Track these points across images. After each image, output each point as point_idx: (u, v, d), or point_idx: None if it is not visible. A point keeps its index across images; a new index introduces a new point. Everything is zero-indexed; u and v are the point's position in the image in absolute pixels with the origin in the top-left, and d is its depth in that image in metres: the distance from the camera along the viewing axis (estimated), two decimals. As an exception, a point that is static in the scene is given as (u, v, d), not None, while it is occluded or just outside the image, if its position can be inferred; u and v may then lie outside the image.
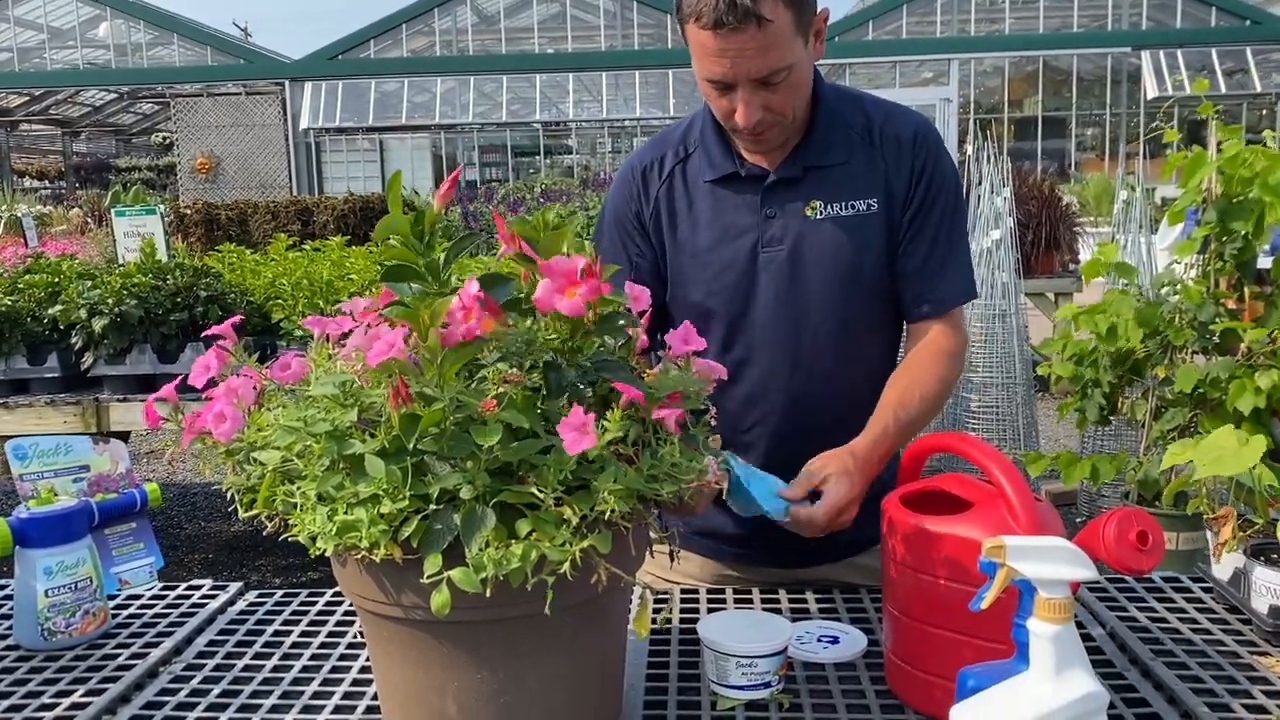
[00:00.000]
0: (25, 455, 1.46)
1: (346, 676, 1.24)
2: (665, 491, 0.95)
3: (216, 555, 4.57)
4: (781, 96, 1.37)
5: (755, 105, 1.36)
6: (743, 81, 1.34)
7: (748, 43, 1.29)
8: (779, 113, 1.39)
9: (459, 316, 0.90)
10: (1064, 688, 0.85)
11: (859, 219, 1.46)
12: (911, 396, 1.43)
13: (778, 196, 1.47)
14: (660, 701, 1.15)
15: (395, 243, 0.97)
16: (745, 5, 1.26)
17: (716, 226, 1.50)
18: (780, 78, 1.34)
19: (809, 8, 1.35)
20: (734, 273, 1.48)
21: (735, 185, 1.49)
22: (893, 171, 1.47)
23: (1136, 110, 16.87)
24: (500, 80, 17.28)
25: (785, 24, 1.30)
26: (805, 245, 1.47)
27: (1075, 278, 6.42)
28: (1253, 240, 2.67)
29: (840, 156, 1.47)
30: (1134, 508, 1.01)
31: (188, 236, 7.11)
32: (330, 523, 0.91)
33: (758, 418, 1.53)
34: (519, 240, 1.01)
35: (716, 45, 1.31)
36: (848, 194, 1.47)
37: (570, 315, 0.95)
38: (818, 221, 1.46)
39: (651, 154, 1.56)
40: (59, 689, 1.22)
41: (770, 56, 1.31)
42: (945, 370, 1.48)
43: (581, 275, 0.94)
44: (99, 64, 17.88)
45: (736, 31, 1.28)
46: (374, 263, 3.94)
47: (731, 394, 1.49)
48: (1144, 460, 2.96)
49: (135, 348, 3.62)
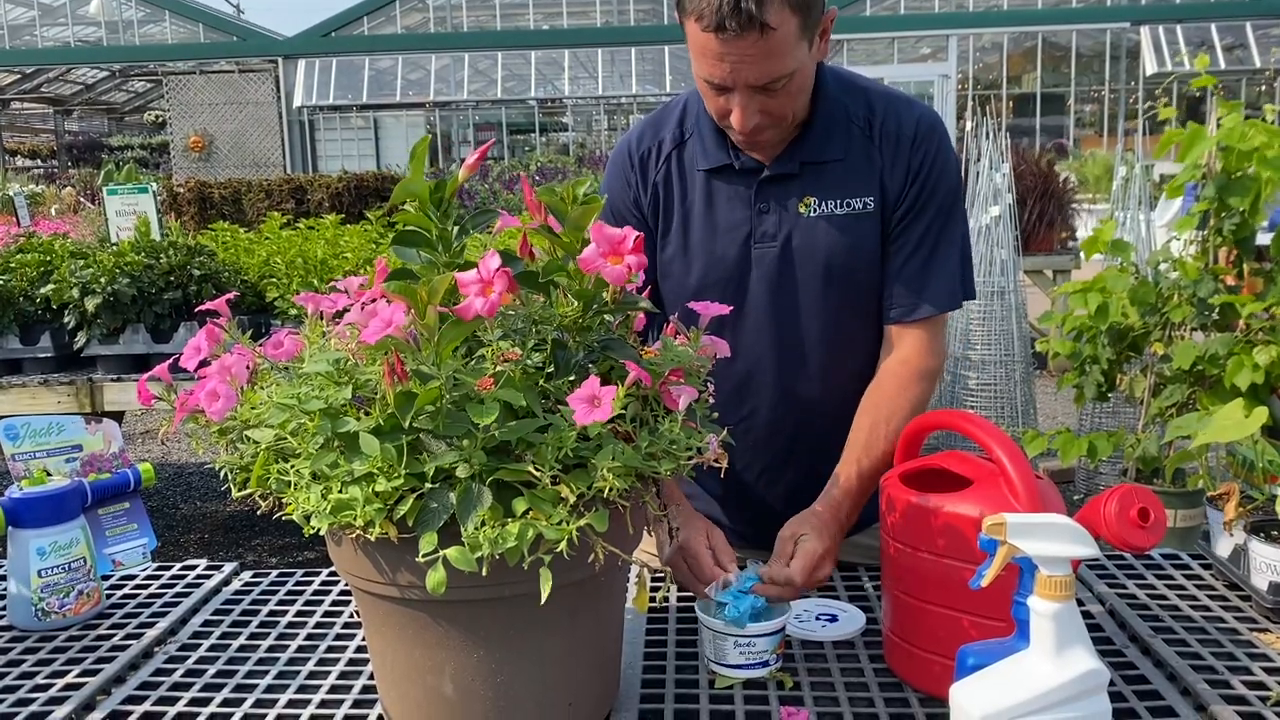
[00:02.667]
0: (17, 435, 1.45)
1: (342, 656, 1.24)
2: (664, 469, 0.94)
3: (211, 535, 4.57)
4: (780, 102, 1.33)
5: (752, 110, 1.32)
6: (741, 87, 1.29)
7: (749, 49, 1.24)
8: (777, 117, 1.35)
9: (476, 290, 0.88)
10: (1064, 665, 0.84)
11: (853, 218, 1.43)
12: (877, 436, 1.37)
13: (772, 192, 1.44)
14: (658, 680, 1.15)
15: (411, 208, 0.95)
16: (750, 10, 1.20)
17: (710, 219, 1.46)
18: (780, 84, 1.29)
19: (816, 10, 1.28)
20: (725, 266, 1.46)
21: (729, 177, 1.45)
22: (888, 169, 1.42)
23: (1136, 86, 16.79)
24: (495, 57, 17.16)
25: (791, 30, 1.25)
26: (798, 242, 1.43)
27: (1073, 255, 6.41)
28: (1250, 216, 2.66)
29: (838, 152, 1.42)
30: (1135, 485, 1.00)
31: (181, 215, 7.07)
32: (325, 501, 0.90)
33: (745, 413, 1.51)
34: (544, 210, 1.00)
35: (717, 49, 1.25)
36: (843, 191, 1.43)
37: (613, 282, 0.95)
38: (811, 219, 1.43)
39: (650, 138, 1.51)
40: (53, 670, 1.21)
41: (772, 64, 1.26)
42: (915, 395, 1.41)
43: (630, 247, 0.93)
44: (90, 41, 17.73)
45: (739, 37, 1.23)
46: (369, 240, 3.92)
47: (720, 388, 1.48)
48: (1142, 437, 2.96)
49: (129, 327, 3.60)
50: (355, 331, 0.97)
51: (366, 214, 4.23)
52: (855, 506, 1.36)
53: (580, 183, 1.00)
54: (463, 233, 0.97)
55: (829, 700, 1.10)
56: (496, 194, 7.36)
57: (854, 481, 1.35)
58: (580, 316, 0.99)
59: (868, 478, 1.36)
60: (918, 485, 1.13)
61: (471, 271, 0.89)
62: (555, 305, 0.99)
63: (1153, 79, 15.62)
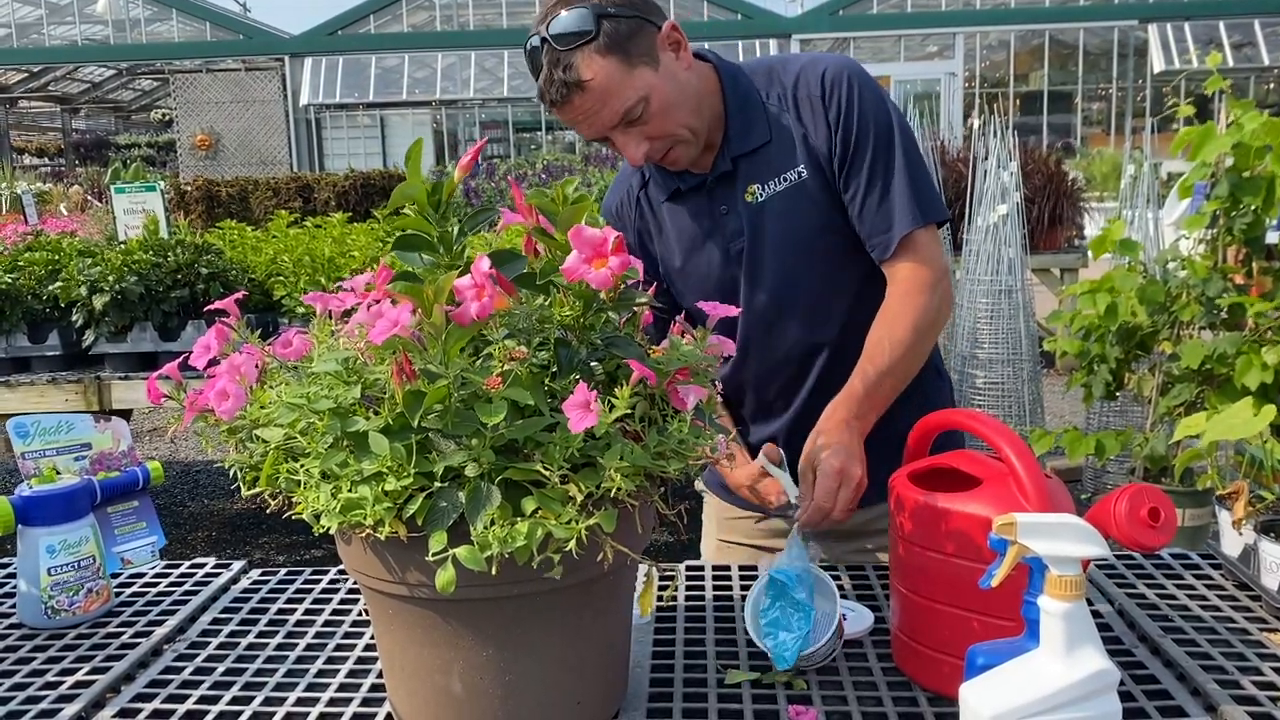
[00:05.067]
0: (27, 433, 1.45)
1: (351, 655, 1.24)
2: (672, 469, 0.94)
3: (220, 533, 4.58)
4: (655, 125, 1.38)
5: (634, 144, 1.39)
6: (607, 133, 1.38)
7: (584, 105, 1.34)
8: (665, 136, 1.41)
9: (471, 294, 0.88)
10: (1075, 665, 0.84)
11: (793, 189, 1.47)
12: (881, 347, 1.41)
13: (723, 194, 1.51)
14: (666, 680, 1.15)
15: (410, 212, 0.95)
16: (561, 79, 1.31)
17: (684, 239, 1.54)
18: (638, 113, 1.36)
19: (637, 41, 1.34)
20: (716, 273, 1.53)
21: (685, 199, 1.53)
22: (811, 131, 1.46)
23: (1143, 85, 16.74)
24: (501, 55, 17.17)
25: (612, 72, 1.32)
26: (759, 230, 1.49)
27: (1081, 253, 6.39)
28: (1262, 214, 2.65)
29: (761, 137, 1.48)
30: (1146, 484, 1.00)
31: (188, 213, 7.08)
32: (334, 500, 0.90)
33: (774, 390, 1.59)
34: (535, 214, 0.99)
35: (565, 117, 1.37)
36: (777, 169, 1.48)
37: (598, 287, 0.94)
38: (761, 204, 1.49)
39: (618, 193, 1.62)
40: (62, 667, 1.22)
41: (612, 105, 1.34)
42: (915, 310, 1.42)
43: (612, 248, 0.93)
44: (97, 40, 17.78)
45: (567, 103, 1.34)
46: (376, 239, 3.93)
47: (746, 373, 1.58)
48: (1149, 436, 2.95)
49: (136, 325, 3.61)
50: (364, 331, 0.97)
51: (373, 212, 4.24)
52: (868, 407, 1.38)
53: (569, 182, 1.00)
54: (463, 233, 0.97)
55: (837, 699, 1.10)
56: (503, 192, 7.37)
57: (858, 385, 1.38)
58: (581, 315, 0.98)
59: (873, 382, 1.38)
60: (927, 485, 1.13)
61: (467, 277, 0.89)
62: (555, 305, 0.99)
63: (1160, 77, 15.57)
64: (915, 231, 1.44)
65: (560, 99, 1.34)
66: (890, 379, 1.40)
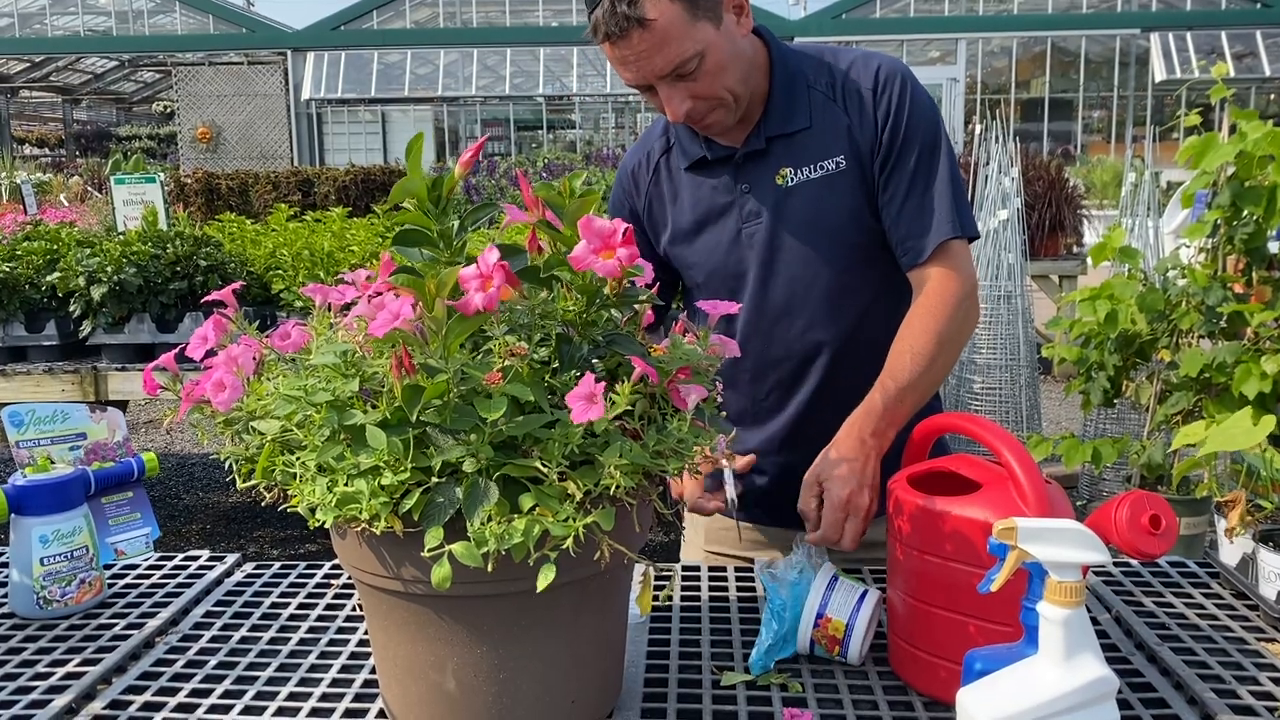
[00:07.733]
0: (22, 422, 1.44)
1: (344, 650, 1.23)
2: (672, 468, 0.94)
3: (214, 526, 4.57)
4: (704, 84, 1.36)
5: (678, 99, 1.37)
6: (654, 81, 1.35)
7: (640, 45, 1.30)
8: (710, 98, 1.38)
9: (476, 285, 0.88)
10: (1073, 672, 0.83)
11: (829, 178, 1.45)
12: (901, 362, 1.38)
13: (748, 172, 1.48)
14: (661, 680, 1.14)
15: (410, 207, 0.95)
16: (623, 12, 1.27)
17: (699, 210, 1.52)
18: (691, 67, 1.33)
19: None
20: (721, 252, 1.51)
21: (709, 169, 1.51)
22: (856, 124, 1.45)
23: (1144, 93, 16.76)
24: (504, 53, 17.16)
25: (675, 17, 1.30)
26: (783, 215, 1.47)
27: (1080, 260, 6.39)
28: (1264, 224, 2.64)
29: (803, 121, 1.46)
30: (1147, 491, 0.99)
31: (188, 206, 7.07)
32: (330, 494, 0.89)
33: (769, 387, 1.56)
34: (542, 206, 0.99)
35: (615, 55, 1.33)
36: (814, 156, 1.46)
37: (606, 276, 0.94)
38: (790, 189, 1.46)
39: (639, 154, 1.60)
40: (54, 658, 1.21)
41: (668, 52, 1.31)
42: (940, 322, 1.40)
43: (620, 239, 0.92)
44: (100, 31, 17.75)
45: (625, 38, 1.30)
46: (375, 234, 3.92)
47: (743, 366, 1.53)
48: (1147, 444, 2.95)
49: (134, 316, 3.60)
50: (363, 324, 0.96)
51: (373, 207, 4.23)
52: (886, 423, 1.34)
53: (576, 176, 0.99)
54: (463, 229, 0.96)
55: (833, 703, 1.09)
56: (504, 190, 7.36)
57: (877, 400, 1.35)
58: (584, 311, 0.98)
59: (894, 397, 1.35)
60: (925, 489, 1.12)
61: (472, 267, 0.89)
62: (558, 300, 0.99)
63: (1162, 86, 15.59)
64: (950, 241, 1.42)
65: (618, 32, 1.29)
66: (912, 394, 1.36)
